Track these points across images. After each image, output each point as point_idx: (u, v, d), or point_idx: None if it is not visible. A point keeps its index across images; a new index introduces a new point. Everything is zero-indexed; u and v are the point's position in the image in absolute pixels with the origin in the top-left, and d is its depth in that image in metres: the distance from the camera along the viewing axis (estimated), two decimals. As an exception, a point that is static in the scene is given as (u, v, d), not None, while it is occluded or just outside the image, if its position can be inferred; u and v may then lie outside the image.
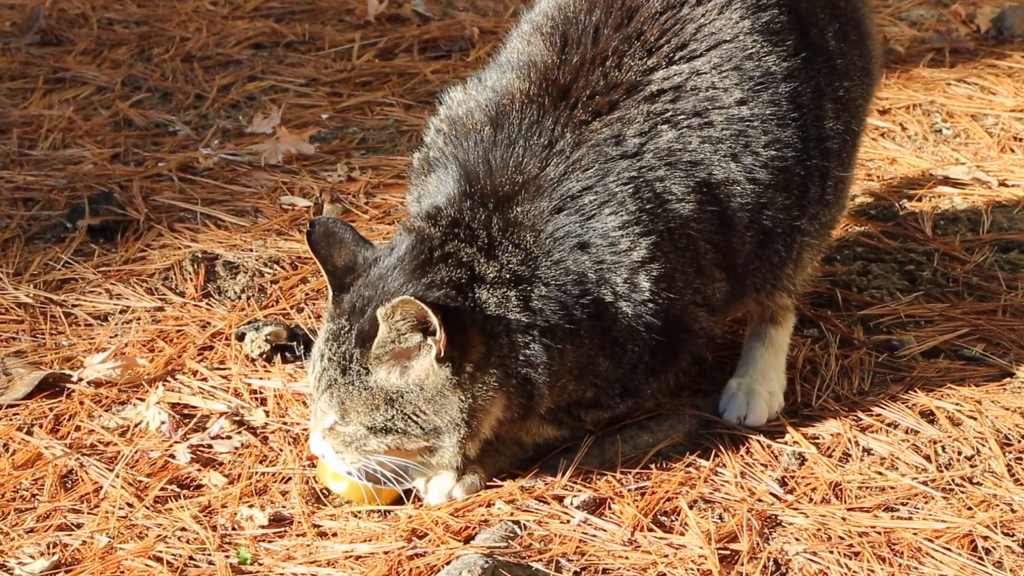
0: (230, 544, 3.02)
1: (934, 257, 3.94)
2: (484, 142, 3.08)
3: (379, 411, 2.95)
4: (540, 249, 3.00)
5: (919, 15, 5.59)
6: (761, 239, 3.18)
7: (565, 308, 2.99)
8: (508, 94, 3.11)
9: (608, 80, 3.09)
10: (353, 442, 2.99)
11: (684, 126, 3.08)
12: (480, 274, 2.97)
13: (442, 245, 2.99)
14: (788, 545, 2.99)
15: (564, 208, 3.02)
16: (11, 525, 3.08)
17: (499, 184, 3.04)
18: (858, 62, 3.33)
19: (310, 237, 3.06)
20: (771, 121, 3.12)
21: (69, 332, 3.70)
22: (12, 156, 4.54)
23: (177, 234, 4.09)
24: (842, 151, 3.27)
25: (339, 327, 2.98)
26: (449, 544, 2.96)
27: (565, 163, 3.04)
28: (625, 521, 3.03)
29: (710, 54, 3.11)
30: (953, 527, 3.02)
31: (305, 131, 4.63)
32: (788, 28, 3.18)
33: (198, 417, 3.38)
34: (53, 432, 3.35)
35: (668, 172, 3.06)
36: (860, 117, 3.38)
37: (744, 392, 3.34)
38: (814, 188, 3.22)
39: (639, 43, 3.11)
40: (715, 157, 3.09)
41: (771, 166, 3.13)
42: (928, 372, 3.48)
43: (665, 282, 3.04)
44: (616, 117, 3.07)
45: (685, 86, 3.09)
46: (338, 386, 2.97)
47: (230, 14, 5.57)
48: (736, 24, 3.13)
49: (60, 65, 5.16)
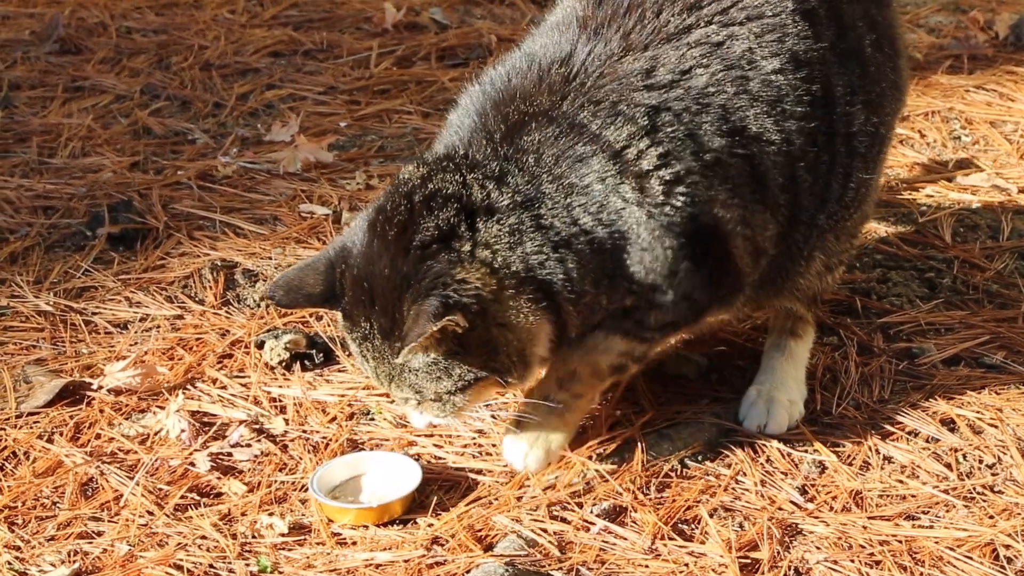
0: (250, 552, 3.02)
1: (954, 264, 3.93)
2: (502, 81, 3.06)
3: (443, 380, 2.93)
4: (542, 168, 2.95)
5: (937, 22, 5.58)
6: (790, 216, 3.15)
7: (574, 221, 2.94)
8: (540, 46, 3.10)
9: (644, 24, 3.06)
10: (443, 408, 2.98)
11: (721, 75, 3.05)
12: (484, 203, 2.91)
13: (423, 186, 2.92)
14: (809, 554, 2.99)
15: (571, 133, 2.97)
16: (32, 533, 3.08)
17: (508, 114, 2.99)
18: (890, 75, 3.32)
19: (280, 305, 3.02)
20: (805, 98, 3.10)
21: (89, 340, 3.71)
22: (32, 164, 4.55)
23: (196, 242, 4.09)
24: (868, 153, 3.25)
25: (363, 331, 2.95)
26: (469, 552, 2.96)
27: (584, 95, 3.00)
28: (645, 529, 3.03)
29: (750, 24, 3.10)
30: (975, 536, 3.01)
31: (324, 139, 4.64)
32: (828, 22, 3.17)
33: (218, 425, 3.39)
34: (73, 440, 3.36)
35: (698, 109, 3.03)
36: (888, 124, 3.36)
37: (764, 400, 3.33)
38: (836, 184, 3.20)
39: (680, 2, 3.09)
40: (751, 111, 3.06)
41: (805, 136, 3.10)
42: (949, 380, 3.47)
43: (683, 186, 2.98)
44: (650, 55, 3.04)
45: (723, 44, 3.07)
46: (396, 376, 2.96)
47: (248, 22, 5.59)
48: (779, 3, 3.12)
49: (79, 74, 5.17)
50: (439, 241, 2.89)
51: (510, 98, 3.02)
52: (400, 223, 2.91)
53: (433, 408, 3.00)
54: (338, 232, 4.00)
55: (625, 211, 2.97)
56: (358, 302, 2.94)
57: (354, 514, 3.07)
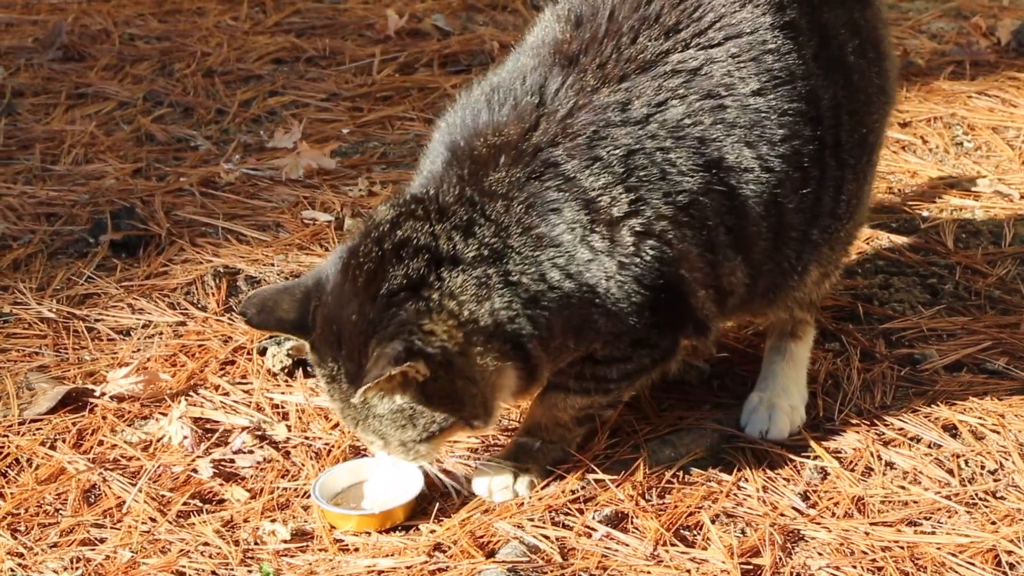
0: (252, 559, 3.02)
1: (956, 270, 3.93)
2: (473, 111, 3.03)
3: (408, 428, 2.95)
4: (511, 217, 2.92)
5: (939, 28, 5.58)
6: (775, 238, 3.14)
7: (542, 277, 2.93)
8: (515, 70, 3.07)
9: (621, 54, 3.03)
10: (409, 452, 2.99)
11: (697, 105, 3.02)
12: (450, 254, 2.89)
13: (392, 232, 2.91)
14: (811, 560, 2.99)
15: (543, 174, 2.94)
16: (35, 540, 3.09)
17: (476, 148, 2.97)
18: (876, 80, 3.29)
19: (251, 323, 2.97)
20: (787, 116, 3.07)
21: (92, 347, 3.71)
22: (35, 171, 4.56)
23: (199, 249, 4.10)
24: (857, 164, 3.23)
25: (330, 370, 2.94)
26: (471, 558, 2.97)
27: (556, 125, 2.97)
28: (647, 535, 3.03)
29: (728, 44, 3.07)
30: (977, 541, 3.01)
31: (326, 146, 4.65)
32: (809, 33, 3.15)
33: (220, 432, 3.39)
34: (76, 447, 3.36)
35: (673, 144, 2.99)
36: (877, 133, 3.34)
37: (766, 406, 3.33)
38: (827, 199, 3.18)
39: (657, 25, 3.06)
40: (728, 140, 3.03)
41: (787, 159, 3.07)
42: (951, 386, 3.47)
43: (654, 239, 2.97)
44: (626, 87, 3.00)
45: (700, 70, 3.04)
46: (360, 421, 2.97)
47: (251, 29, 5.60)
48: (757, 19, 3.09)
49: (82, 81, 5.18)
50: (407, 290, 2.87)
51: (481, 130, 2.99)
52: (369, 270, 2.89)
53: (398, 454, 3.02)
54: (340, 239, 4.01)
55: (594, 263, 2.95)
56: (326, 341, 2.93)
57: (356, 521, 3.07)
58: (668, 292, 3.02)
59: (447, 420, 2.95)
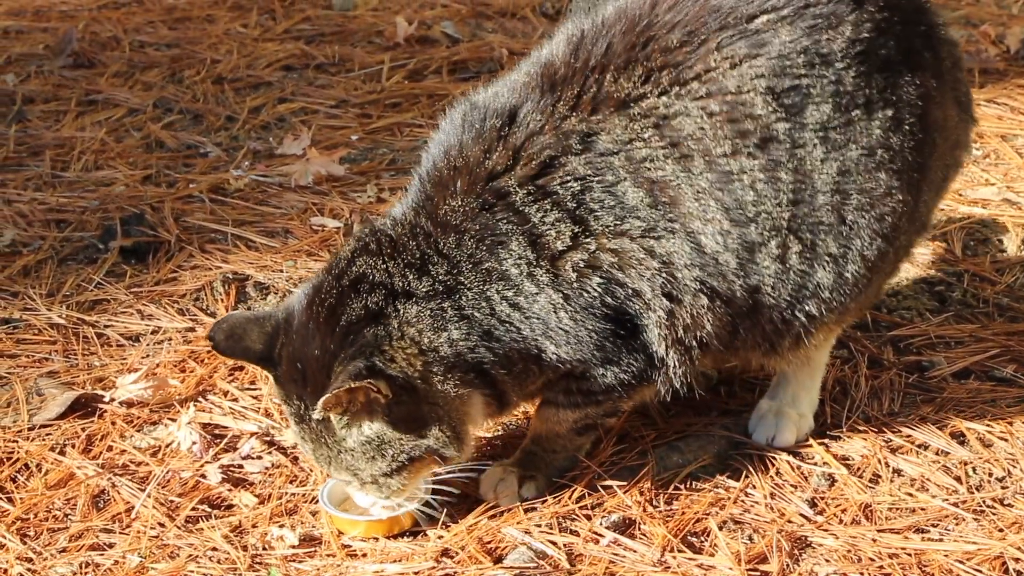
0: (261, 564, 3.03)
1: (964, 278, 3.93)
2: (449, 126, 3.03)
3: (378, 460, 2.95)
4: (463, 252, 2.93)
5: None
6: (751, 298, 3.02)
7: (492, 311, 2.94)
8: (500, 88, 3.06)
9: (600, 89, 2.98)
10: (382, 488, 3.00)
11: (660, 151, 2.94)
12: (405, 289, 2.91)
13: (347, 266, 2.94)
14: (818, 566, 2.99)
15: (494, 206, 2.94)
16: (44, 545, 3.10)
17: (440, 170, 2.98)
18: (909, 156, 3.04)
19: (217, 348, 2.98)
20: (761, 182, 2.95)
21: (101, 353, 3.72)
22: (45, 178, 4.57)
23: (208, 255, 4.11)
24: (868, 247, 3.04)
25: (297, 407, 2.96)
26: (479, 564, 2.97)
27: (512, 151, 2.96)
28: (655, 542, 3.03)
29: (709, 99, 2.94)
30: (984, 549, 3.01)
31: (335, 152, 4.66)
32: (818, 97, 2.97)
33: (229, 437, 3.40)
34: (85, 452, 3.37)
35: (630, 178, 2.95)
36: (904, 221, 3.08)
37: (774, 414, 3.33)
38: (824, 275, 3.02)
39: (641, 67, 2.97)
40: (688, 188, 2.94)
41: (762, 222, 2.96)
42: (959, 393, 3.48)
43: (598, 274, 2.94)
44: (596, 120, 2.96)
45: (670, 121, 2.94)
46: (332, 458, 2.98)
47: (260, 36, 5.61)
48: (748, 81, 2.95)
49: (92, 87, 5.20)
50: (366, 320, 2.90)
51: (448, 149, 2.99)
52: (330, 305, 2.92)
53: (371, 491, 3.01)
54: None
55: (540, 296, 2.95)
56: (292, 379, 2.95)
57: (364, 526, 3.08)
58: (626, 324, 3.00)
59: (416, 449, 2.95)
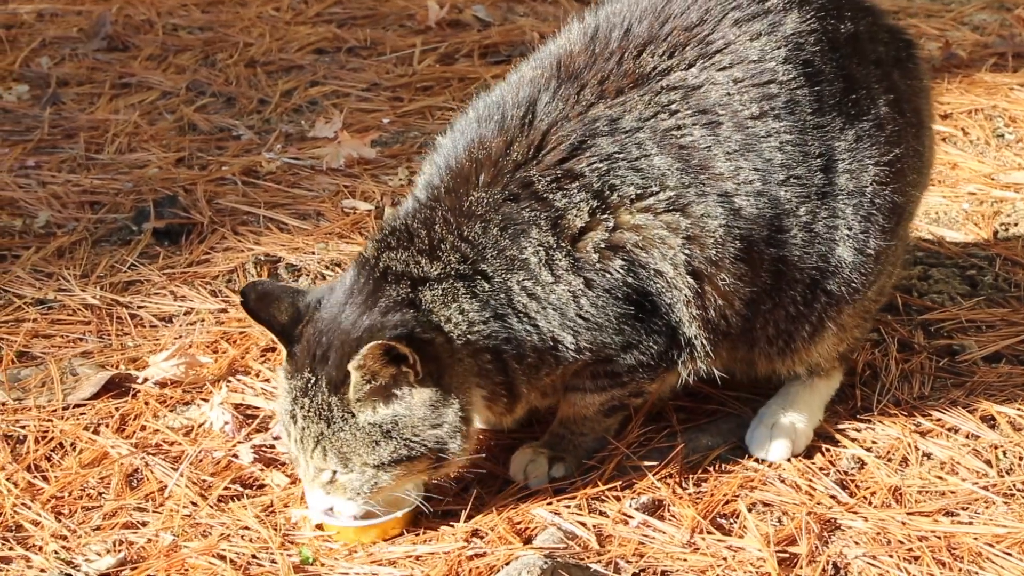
0: (292, 543, 3.05)
1: (996, 262, 3.92)
2: (464, 124, 3.05)
3: (381, 446, 2.91)
4: (488, 239, 2.95)
5: (982, 19, 5.56)
6: (776, 272, 3.05)
7: (510, 297, 2.95)
8: (513, 83, 3.08)
9: (622, 69, 3.02)
10: (362, 486, 2.95)
11: (688, 119, 2.99)
12: (423, 276, 2.93)
13: (376, 261, 2.96)
14: (847, 549, 2.99)
15: (519, 196, 2.96)
16: (78, 523, 3.13)
17: (461, 163, 2.99)
18: (913, 142, 3.18)
19: (246, 305, 2.98)
20: (790, 144, 3.02)
21: (135, 333, 3.75)
22: (79, 160, 4.60)
23: (240, 237, 4.13)
24: (886, 220, 3.11)
25: (305, 380, 2.93)
26: (509, 544, 2.98)
27: (537, 139, 2.98)
28: (684, 523, 3.04)
29: (732, 68, 3.03)
30: (1014, 532, 3.01)
31: (367, 135, 4.67)
32: (831, 74, 3.06)
33: (261, 418, 3.42)
34: (119, 432, 3.40)
35: (656, 148, 2.98)
36: (907, 193, 3.19)
37: (768, 427, 3.25)
38: (846, 251, 3.08)
39: (664, 43, 3.04)
40: (718, 150, 3.00)
41: (792, 185, 3.01)
42: (989, 377, 3.47)
43: (621, 257, 2.96)
44: (620, 101, 3.00)
45: (699, 89, 3.01)
46: (328, 438, 2.92)
47: (293, 20, 5.63)
48: (770, 52, 3.04)
49: (126, 70, 5.23)
50: (403, 303, 2.91)
51: (468, 143, 3.01)
52: (367, 291, 2.93)
53: (351, 482, 2.95)
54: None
55: (559, 286, 2.95)
56: (310, 353, 2.93)
57: (348, 531, 3.04)
58: (646, 306, 3.00)
59: (423, 442, 2.91)
